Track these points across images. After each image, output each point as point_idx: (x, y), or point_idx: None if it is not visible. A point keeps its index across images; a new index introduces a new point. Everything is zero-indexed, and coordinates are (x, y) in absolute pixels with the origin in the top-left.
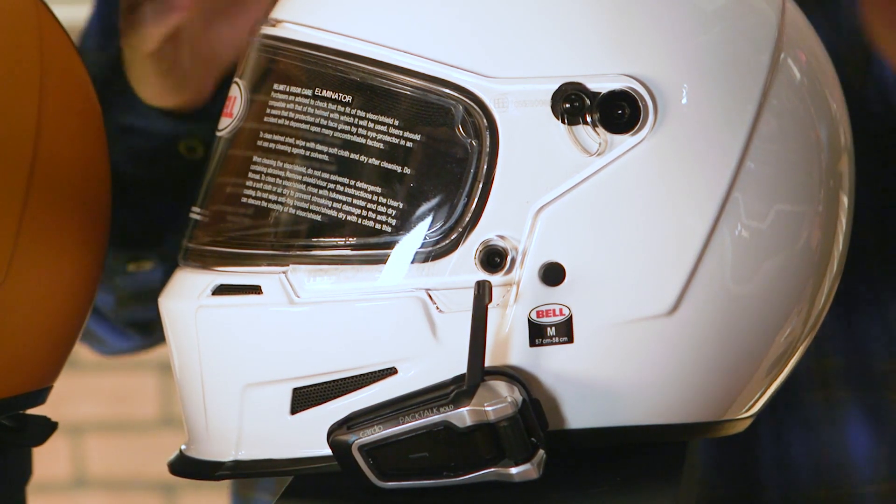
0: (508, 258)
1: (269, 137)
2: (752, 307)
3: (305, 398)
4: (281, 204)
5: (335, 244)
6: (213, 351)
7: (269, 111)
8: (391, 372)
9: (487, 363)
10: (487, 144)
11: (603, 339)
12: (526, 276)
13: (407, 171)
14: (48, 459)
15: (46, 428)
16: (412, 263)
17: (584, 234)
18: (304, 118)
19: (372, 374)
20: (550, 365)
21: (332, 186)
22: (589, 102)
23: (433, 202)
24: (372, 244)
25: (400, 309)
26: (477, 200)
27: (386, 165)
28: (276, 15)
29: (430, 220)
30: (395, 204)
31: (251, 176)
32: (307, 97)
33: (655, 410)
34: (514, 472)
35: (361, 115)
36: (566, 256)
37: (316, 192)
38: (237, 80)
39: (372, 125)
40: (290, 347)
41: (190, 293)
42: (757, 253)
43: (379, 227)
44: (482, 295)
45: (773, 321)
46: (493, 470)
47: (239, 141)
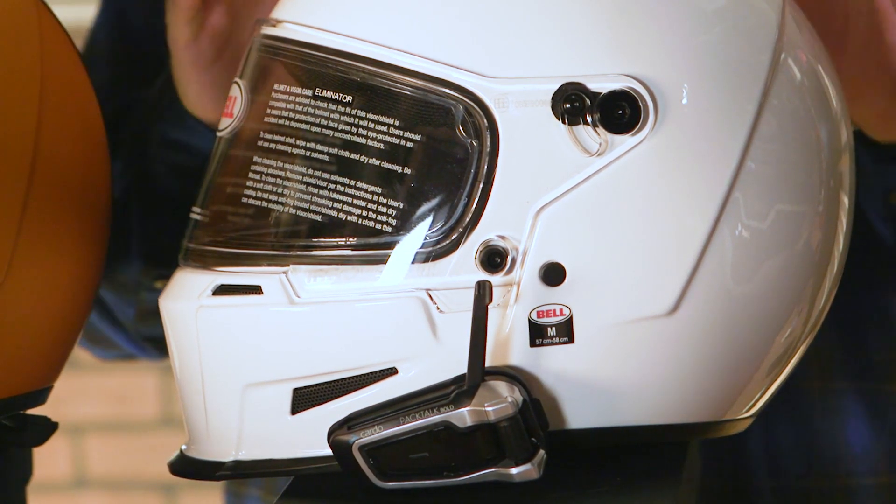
0: (509, 258)
1: (269, 137)
2: (752, 307)
3: (306, 398)
4: (281, 204)
5: (335, 244)
6: (213, 351)
7: (269, 111)
8: (391, 372)
9: (488, 363)
10: (488, 144)
11: (603, 339)
12: (526, 276)
13: (407, 171)
14: (48, 459)
15: (47, 428)
16: (412, 263)
17: (584, 234)
18: (304, 118)
19: (372, 374)
20: (551, 365)
21: (332, 186)
22: (589, 102)
23: (433, 202)
24: (372, 244)
25: (400, 309)
26: (477, 200)
27: (386, 165)
28: (276, 15)
29: (430, 220)
30: (395, 204)
31: (251, 176)
32: (307, 97)
33: (656, 410)
34: (514, 472)
35: (362, 115)
36: (566, 256)
37: (316, 192)
38: (237, 80)
39: (372, 125)
40: (290, 347)
41: (190, 293)
42: (757, 253)
43: (379, 227)
44: (482, 295)
45: (773, 321)
46: (493, 470)
47: (239, 141)
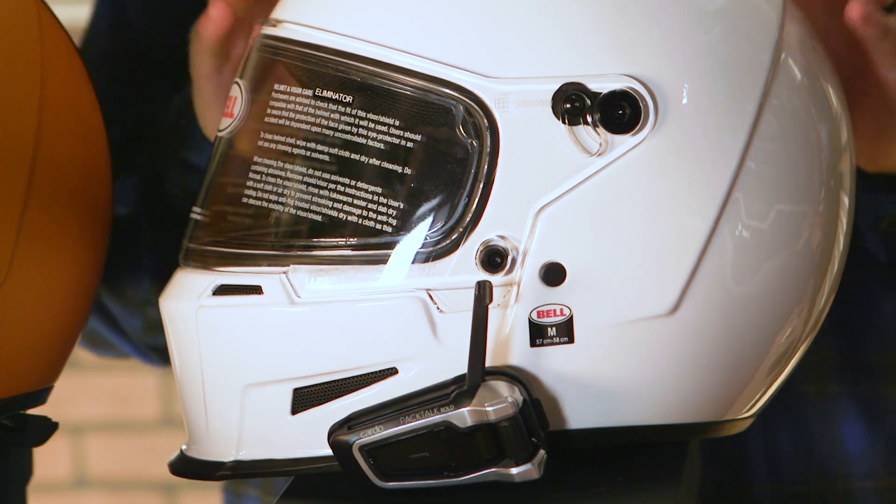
0: (509, 258)
1: (269, 138)
2: (752, 307)
3: (306, 398)
4: (281, 204)
5: (336, 244)
6: (213, 351)
7: (269, 111)
8: (392, 372)
9: (488, 363)
10: (488, 144)
11: (603, 339)
12: (526, 276)
13: (407, 171)
14: (49, 459)
15: (47, 428)
16: (413, 263)
17: (584, 234)
18: (304, 118)
19: (372, 374)
20: (551, 365)
21: (332, 187)
22: (590, 102)
23: (434, 202)
24: (372, 244)
25: (400, 309)
26: (477, 200)
27: (386, 166)
28: (276, 15)
29: (430, 220)
30: (395, 204)
31: (252, 176)
32: (308, 97)
33: (656, 410)
34: (514, 472)
35: (362, 115)
36: (567, 256)
37: (316, 192)
38: (237, 80)
39: (372, 125)
40: (290, 347)
41: (190, 293)
42: (757, 253)
43: (379, 227)
44: (483, 295)
45: (773, 321)
46: (493, 470)
47: (239, 141)
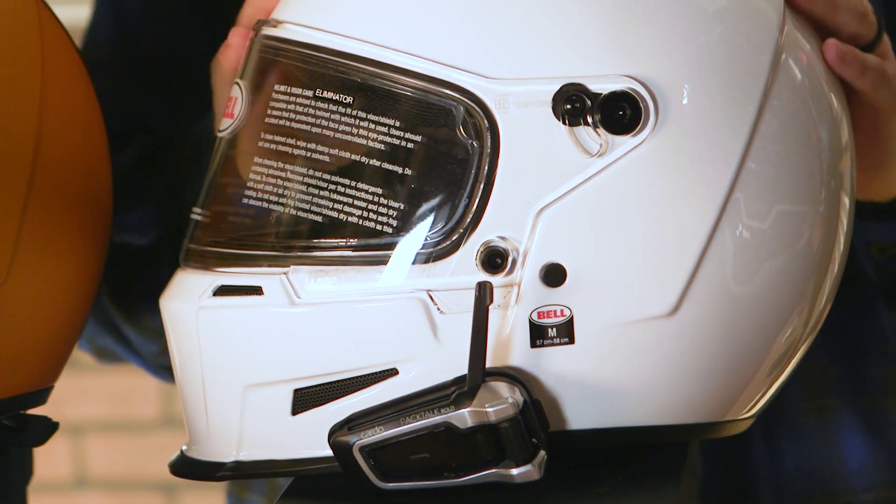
0: (509, 259)
1: (270, 138)
2: (753, 307)
3: (306, 399)
4: (282, 205)
5: (336, 245)
6: (214, 352)
7: (270, 112)
8: (392, 373)
9: (488, 364)
10: (488, 145)
11: (604, 339)
12: (527, 277)
13: (408, 172)
14: (49, 459)
15: (47, 428)
16: (413, 264)
17: (585, 235)
18: (304, 119)
19: (373, 374)
20: (551, 366)
21: (332, 187)
22: (590, 103)
23: (434, 203)
24: (373, 245)
25: (401, 310)
26: (478, 201)
27: (387, 166)
28: (277, 16)
29: (431, 221)
30: (395, 205)
31: (252, 177)
32: (308, 98)
33: (656, 411)
34: (515, 472)
35: (362, 116)
36: (567, 257)
37: (317, 193)
38: (238, 80)
39: (373, 126)
40: (291, 348)
41: (191, 294)
42: (758, 253)
43: (380, 228)
44: (483, 296)
45: (774, 321)
46: (494, 471)
47: (240, 142)
